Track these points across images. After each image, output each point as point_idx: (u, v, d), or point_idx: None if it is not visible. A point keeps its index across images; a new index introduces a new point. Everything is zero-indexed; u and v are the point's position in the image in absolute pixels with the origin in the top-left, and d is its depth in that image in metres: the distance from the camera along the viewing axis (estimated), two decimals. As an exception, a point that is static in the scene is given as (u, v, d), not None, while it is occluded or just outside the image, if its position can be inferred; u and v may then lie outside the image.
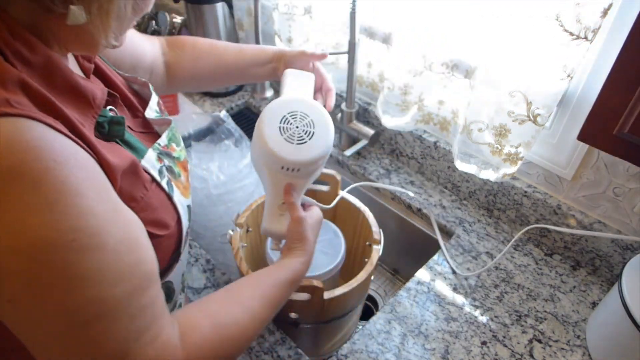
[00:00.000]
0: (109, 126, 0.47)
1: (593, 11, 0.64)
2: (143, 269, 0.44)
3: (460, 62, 0.88)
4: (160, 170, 0.53)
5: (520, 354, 0.74)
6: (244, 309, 0.54)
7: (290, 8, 1.12)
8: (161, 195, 0.52)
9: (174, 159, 0.58)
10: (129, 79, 0.62)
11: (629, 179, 0.77)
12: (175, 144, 0.60)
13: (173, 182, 0.55)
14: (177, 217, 0.54)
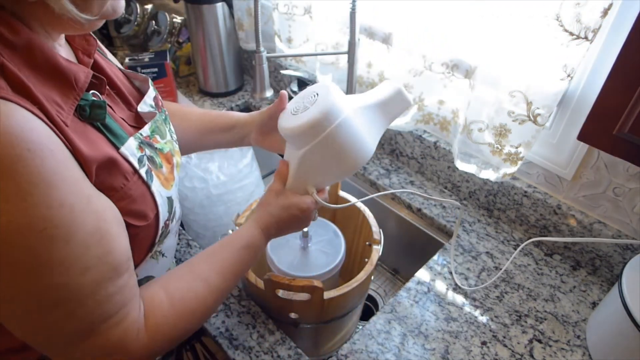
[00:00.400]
0: (90, 109, 0.47)
1: (593, 11, 0.64)
2: (112, 259, 0.45)
3: (460, 62, 0.88)
4: (140, 159, 0.53)
5: (520, 354, 0.74)
6: (202, 281, 0.57)
7: (290, 8, 1.12)
8: (142, 187, 0.52)
9: (156, 150, 0.58)
10: (130, 75, 0.63)
11: (629, 179, 0.77)
12: (160, 136, 0.60)
13: (153, 171, 0.55)
14: (156, 208, 0.55)
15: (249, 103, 1.41)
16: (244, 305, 0.80)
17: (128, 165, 0.51)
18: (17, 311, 0.42)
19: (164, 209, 0.56)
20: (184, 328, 0.55)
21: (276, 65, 1.36)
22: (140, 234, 0.53)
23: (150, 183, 0.54)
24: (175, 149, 0.65)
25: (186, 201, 1.06)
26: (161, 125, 0.61)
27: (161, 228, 0.57)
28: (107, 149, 0.48)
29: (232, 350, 0.73)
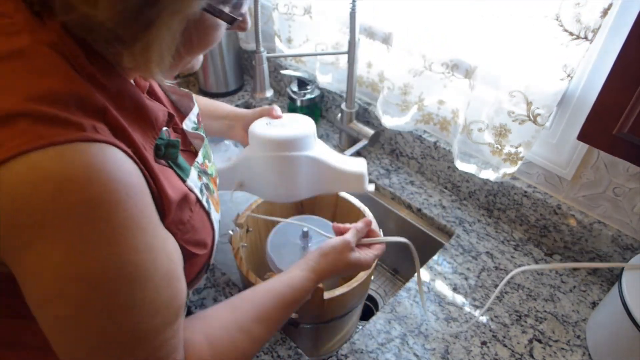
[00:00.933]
0: (165, 149, 0.47)
1: (593, 11, 0.64)
2: (176, 303, 0.44)
3: (460, 62, 0.88)
4: (201, 189, 0.53)
5: (520, 354, 0.74)
6: (246, 334, 0.54)
7: (290, 8, 1.12)
8: (203, 215, 0.52)
9: (209, 176, 0.57)
10: (170, 90, 0.61)
11: (629, 179, 0.77)
12: (208, 160, 0.59)
13: (210, 198, 0.55)
14: (213, 234, 0.54)
15: (249, 103, 1.41)
16: (244, 305, 0.80)
17: (193, 196, 0.50)
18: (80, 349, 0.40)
19: (217, 233, 0.56)
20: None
21: (276, 65, 1.36)
22: (199, 261, 0.52)
23: (210, 210, 0.53)
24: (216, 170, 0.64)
25: (186, 201, 1.06)
26: (208, 148, 0.60)
27: (214, 252, 0.56)
28: (181, 185, 0.48)
29: (232, 350, 0.73)
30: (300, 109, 1.23)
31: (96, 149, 0.35)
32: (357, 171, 0.70)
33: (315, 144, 0.70)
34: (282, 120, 0.71)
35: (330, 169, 0.70)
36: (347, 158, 0.75)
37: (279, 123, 0.69)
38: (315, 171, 0.69)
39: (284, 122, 0.70)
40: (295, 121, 0.70)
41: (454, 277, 0.86)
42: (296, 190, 0.70)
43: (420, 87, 0.95)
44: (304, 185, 0.70)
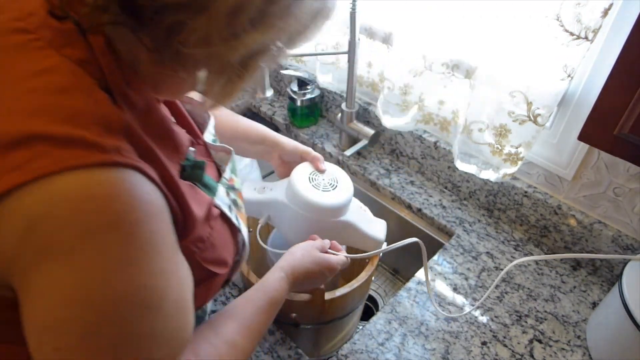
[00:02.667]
0: (191, 170, 0.46)
1: (593, 11, 0.64)
2: (184, 335, 0.42)
3: (460, 62, 0.88)
4: (229, 206, 0.52)
5: (521, 354, 0.74)
6: (230, 346, 0.53)
7: (290, 8, 1.12)
8: (224, 233, 0.50)
9: (236, 191, 0.56)
10: (184, 100, 0.59)
11: (629, 179, 0.77)
12: (235, 175, 0.58)
13: (238, 215, 0.54)
14: (236, 251, 0.53)
15: (249, 103, 1.41)
16: (244, 305, 0.80)
17: (216, 211, 0.49)
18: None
19: (246, 248, 0.55)
20: None
21: (276, 65, 1.35)
22: (218, 280, 0.51)
23: (240, 228, 0.52)
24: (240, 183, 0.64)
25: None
26: (234, 162, 0.59)
27: (239, 267, 0.55)
28: (207, 200, 0.47)
29: (233, 350, 0.73)
30: (300, 108, 1.22)
31: (117, 172, 0.34)
32: (378, 238, 0.76)
33: (350, 203, 0.73)
34: (325, 177, 0.73)
35: (356, 231, 0.74)
36: (370, 217, 0.79)
37: (322, 181, 0.71)
38: (343, 230, 0.73)
39: (326, 180, 0.72)
40: (336, 180, 0.73)
41: (454, 277, 0.86)
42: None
43: (421, 87, 0.95)
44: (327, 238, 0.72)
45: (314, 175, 0.72)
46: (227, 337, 0.54)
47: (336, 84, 1.20)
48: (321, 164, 0.75)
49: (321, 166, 0.74)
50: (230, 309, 0.57)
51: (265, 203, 0.75)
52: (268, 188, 0.76)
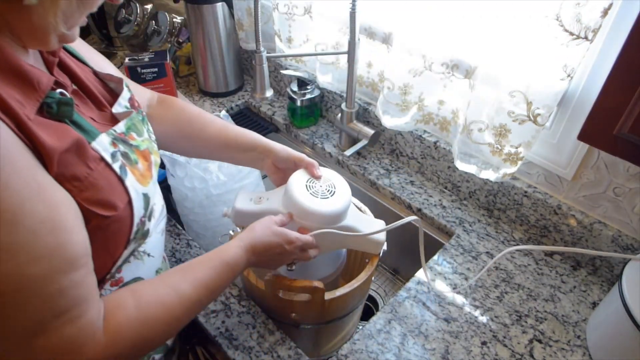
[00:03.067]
0: (58, 107, 0.49)
1: (593, 11, 0.64)
2: (65, 252, 0.45)
3: (460, 62, 0.88)
4: (113, 154, 0.54)
5: (521, 354, 0.74)
6: (172, 289, 0.56)
7: (290, 8, 1.12)
8: (110, 177, 0.53)
9: (132, 147, 0.59)
10: (105, 77, 0.64)
11: (629, 179, 0.77)
12: (136, 133, 0.61)
13: (128, 167, 0.56)
14: (128, 199, 0.55)
15: (249, 103, 1.41)
16: (244, 305, 0.80)
17: (96, 154, 0.52)
18: None
19: (138, 204, 0.56)
20: (148, 336, 0.53)
21: (276, 65, 1.36)
22: (112, 226, 0.53)
23: (125, 177, 0.54)
24: (154, 148, 0.66)
25: (186, 201, 1.06)
26: (138, 123, 0.63)
27: (137, 224, 0.56)
28: (74, 136, 0.49)
29: (232, 350, 0.73)
30: (300, 108, 1.22)
31: None
32: (379, 239, 0.76)
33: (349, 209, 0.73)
34: (322, 183, 0.72)
35: (357, 235, 0.74)
36: (369, 219, 0.80)
37: (319, 188, 0.71)
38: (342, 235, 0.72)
39: (323, 187, 0.71)
40: (333, 186, 0.72)
41: (454, 277, 0.86)
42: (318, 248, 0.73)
43: (420, 87, 0.95)
44: (327, 245, 0.73)
45: (311, 183, 0.72)
46: (173, 283, 0.57)
47: (336, 84, 1.20)
48: (316, 170, 0.75)
49: (317, 172, 0.75)
50: (181, 265, 0.61)
51: (262, 214, 0.73)
52: (265, 198, 0.76)
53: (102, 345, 0.49)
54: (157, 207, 0.65)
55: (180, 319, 0.56)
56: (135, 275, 0.63)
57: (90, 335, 0.48)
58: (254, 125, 1.34)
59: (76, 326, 0.47)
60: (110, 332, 0.50)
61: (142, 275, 0.64)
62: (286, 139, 1.32)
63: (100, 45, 1.74)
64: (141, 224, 0.58)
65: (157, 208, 0.65)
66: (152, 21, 1.52)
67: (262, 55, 0.89)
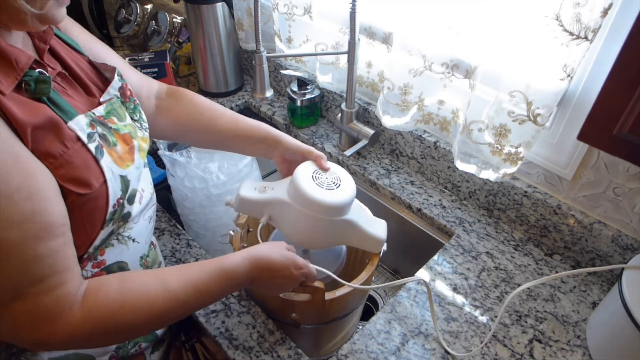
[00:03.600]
0: (35, 84, 0.50)
1: (593, 11, 0.64)
2: (41, 219, 0.47)
3: (460, 62, 0.88)
4: (90, 135, 0.55)
5: (521, 354, 0.74)
6: (160, 282, 0.56)
7: (290, 8, 1.12)
8: (86, 156, 0.54)
9: (111, 129, 0.60)
10: (100, 67, 0.66)
11: (629, 179, 0.77)
12: (117, 118, 0.62)
13: (105, 148, 0.57)
14: (104, 179, 0.55)
15: (249, 103, 1.41)
16: (244, 305, 0.80)
17: (72, 134, 0.52)
18: None
19: (114, 185, 0.57)
20: (123, 320, 0.52)
21: (276, 65, 1.36)
22: (87, 204, 0.54)
23: (100, 158, 0.55)
24: (141, 135, 0.67)
25: (186, 201, 1.06)
26: (119, 108, 0.63)
27: (113, 205, 0.57)
28: (49, 114, 0.50)
29: (232, 350, 0.73)
30: (300, 109, 1.23)
31: None
32: (379, 237, 0.76)
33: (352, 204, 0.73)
34: (328, 175, 0.73)
35: (358, 231, 0.74)
36: (371, 217, 0.80)
37: (325, 180, 0.71)
38: (344, 229, 0.73)
39: (329, 179, 0.72)
40: (339, 179, 0.73)
41: (454, 277, 0.86)
42: (319, 242, 0.73)
43: (420, 87, 0.95)
44: (328, 239, 0.73)
45: (317, 174, 0.72)
46: (164, 277, 0.57)
47: (336, 84, 1.20)
48: (324, 162, 0.75)
49: (325, 164, 0.75)
50: (181, 264, 0.62)
51: (266, 202, 0.74)
52: (269, 187, 0.76)
53: (77, 318, 0.50)
54: (145, 193, 0.67)
55: (162, 314, 0.55)
56: (118, 259, 0.64)
57: (67, 306, 0.49)
58: (254, 125, 1.34)
59: (53, 295, 0.48)
60: (87, 308, 0.51)
61: (125, 259, 0.65)
62: (286, 139, 1.32)
63: (100, 45, 1.74)
64: (118, 205, 0.58)
65: (145, 195, 0.67)
66: (152, 21, 1.52)
67: (262, 55, 0.89)
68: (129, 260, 0.66)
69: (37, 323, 0.48)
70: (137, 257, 0.68)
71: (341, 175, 0.74)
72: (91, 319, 0.51)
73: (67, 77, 0.59)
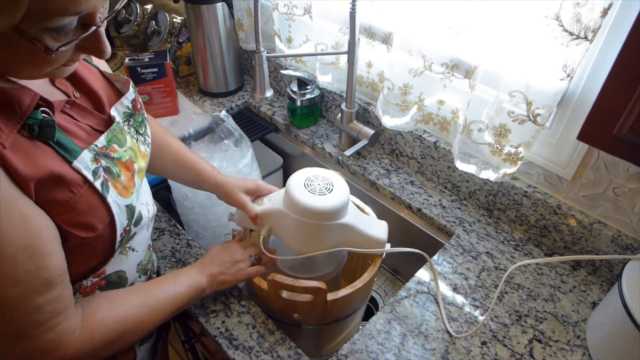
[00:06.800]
0: (39, 128, 0.49)
1: (593, 11, 0.64)
2: (43, 274, 0.49)
3: (460, 62, 0.88)
4: (95, 171, 0.55)
5: (520, 354, 0.74)
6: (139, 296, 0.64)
7: (290, 8, 1.12)
8: (92, 198, 0.54)
9: (114, 160, 0.59)
10: (111, 77, 0.65)
11: (629, 179, 0.77)
12: (118, 144, 0.61)
13: (110, 182, 0.57)
14: (110, 218, 0.56)
15: (249, 103, 1.41)
16: (244, 305, 0.80)
17: (78, 177, 0.52)
18: None
19: (121, 218, 0.58)
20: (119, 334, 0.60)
21: (276, 65, 1.36)
22: (91, 243, 0.56)
23: (106, 194, 0.55)
24: (143, 150, 0.67)
25: (186, 201, 1.06)
26: (119, 134, 0.62)
27: (120, 235, 0.59)
28: (51, 164, 0.49)
29: (232, 350, 0.73)
30: (300, 109, 1.23)
31: None
32: (380, 238, 0.77)
33: (348, 206, 0.74)
34: (320, 181, 0.73)
35: (357, 234, 0.75)
36: (370, 219, 0.80)
37: (317, 186, 0.72)
38: (343, 233, 0.73)
39: (321, 185, 0.73)
40: (331, 184, 0.73)
41: (454, 277, 0.86)
42: (318, 248, 0.74)
43: (420, 87, 0.95)
44: (328, 243, 0.74)
45: (309, 181, 0.73)
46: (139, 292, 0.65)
47: (336, 84, 1.20)
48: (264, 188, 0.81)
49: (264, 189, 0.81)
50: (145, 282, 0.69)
51: (265, 214, 0.76)
52: (267, 199, 0.79)
53: (81, 341, 0.56)
54: (150, 206, 0.68)
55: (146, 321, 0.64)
56: (118, 269, 0.66)
57: (69, 335, 0.54)
58: (254, 125, 1.34)
59: (55, 332, 0.53)
60: (88, 331, 0.57)
61: (124, 268, 0.67)
62: (286, 139, 1.32)
63: (100, 46, 1.74)
64: (125, 232, 0.60)
65: (150, 209, 0.68)
66: (152, 21, 1.52)
67: (262, 55, 0.89)
68: (127, 269, 0.68)
69: (45, 354, 0.53)
70: (135, 264, 0.70)
71: (334, 180, 0.74)
72: (93, 339, 0.57)
73: (76, 103, 0.58)
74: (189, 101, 1.39)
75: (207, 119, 1.16)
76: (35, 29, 0.40)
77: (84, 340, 0.56)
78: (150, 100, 1.28)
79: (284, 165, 1.32)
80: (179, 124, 1.14)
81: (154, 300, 0.65)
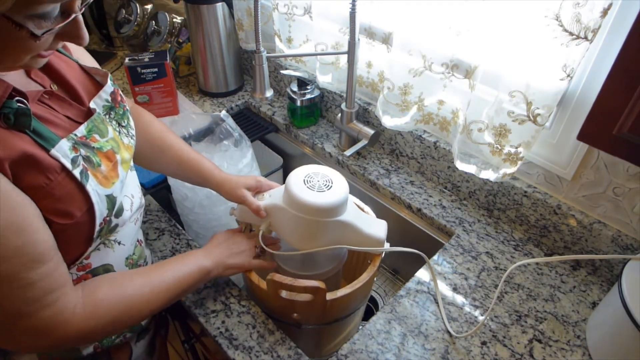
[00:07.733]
0: (15, 117, 0.50)
1: (593, 11, 0.64)
2: (31, 250, 0.50)
3: (460, 62, 0.88)
4: (74, 160, 0.55)
5: (520, 354, 0.74)
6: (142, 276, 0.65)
7: (290, 8, 1.12)
8: (69, 186, 0.54)
9: (94, 149, 0.60)
10: (91, 71, 0.66)
11: (629, 179, 0.77)
12: (99, 135, 0.62)
13: (90, 171, 0.57)
14: (89, 206, 0.57)
15: (249, 103, 1.41)
16: (244, 305, 0.80)
17: (55, 164, 0.53)
18: None
19: (101, 207, 0.58)
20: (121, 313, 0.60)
21: (276, 65, 1.36)
22: (69, 230, 0.56)
23: (85, 183, 0.56)
24: (127, 143, 0.68)
25: (186, 201, 1.06)
26: (100, 124, 0.63)
27: (99, 224, 0.59)
28: (27, 147, 0.50)
29: (232, 350, 0.73)
30: (300, 109, 1.23)
31: None
32: (379, 237, 0.77)
33: (347, 203, 0.74)
34: (320, 178, 0.74)
35: (356, 232, 0.75)
36: (369, 218, 0.80)
37: (317, 182, 0.72)
38: (341, 230, 0.73)
39: (320, 182, 0.73)
40: (330, 181, 0.73)
41: (454, 277, 0.86)
42: (317, 244, 0.74)
43: (420, 87, 0.95)
44: (326, 241, 0.74)
45: (308, 178, 0.73)
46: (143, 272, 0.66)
47: (336, 84, 1.20)
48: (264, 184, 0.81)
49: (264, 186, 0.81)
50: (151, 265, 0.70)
51: (265, 210, 0.76)
52: (267, 195, 0.79)
53: (82, 320, 0.56)
54: (135, 199, 0.69)
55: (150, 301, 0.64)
56: (104, 262, 0.66)
57: (68, 313, 0.55)
58: (253, 125, 1.34)
59: (52, 309, 0.53)
60: (90, 309, 0.57)
61: (110, 262, 0.67)
62: (286, 139, 1.32)
63: (100, 45, 1.74)
64: (105, 223, 0.60)
65: (135, 201, 0.68)
66: (152, 21, 1.52)
67: (262, 55, 0.89)
68: (114, 262, 0.68)
69: (46, 333, 0.54)
70: (123, 258, 0.70)
71: (333, 177, 0.74)
72: (96, 316, 0.57)
73: (54, 93, 0.58)
74: (189, 101, 1.39)
75: (207, 119, 1.16)
76: (21, 15, 0.42)
77: (87, 318, 0.56)
78: (150, 100, 1.28)
79: (284, 165, 1.32)
80: (179, 124, 1.14)
81: (158, 281, 0.65)
